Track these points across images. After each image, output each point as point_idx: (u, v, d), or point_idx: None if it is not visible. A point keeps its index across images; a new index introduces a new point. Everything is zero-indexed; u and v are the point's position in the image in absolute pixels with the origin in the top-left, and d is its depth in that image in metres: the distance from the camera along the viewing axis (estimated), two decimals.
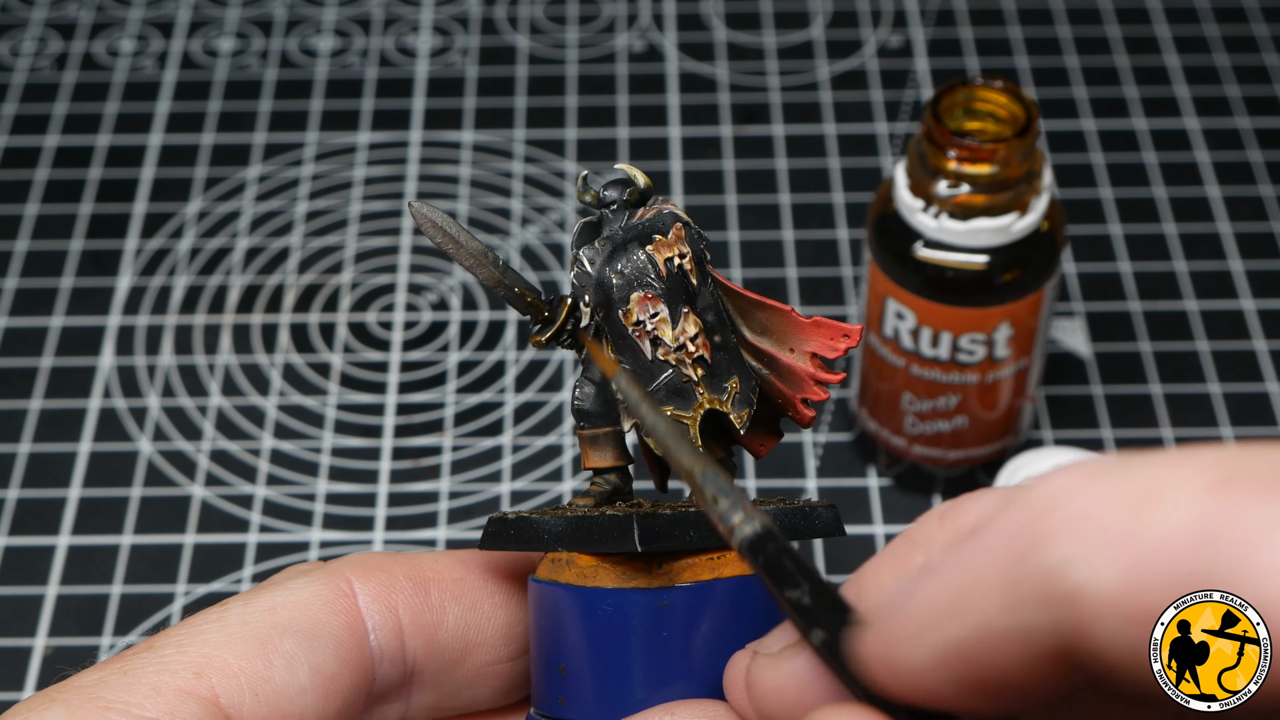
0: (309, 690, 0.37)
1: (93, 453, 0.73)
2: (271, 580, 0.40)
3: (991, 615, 0.27)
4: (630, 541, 0.37)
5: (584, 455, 0.41)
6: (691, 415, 0.39)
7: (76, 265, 0.81)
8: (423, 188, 0.85)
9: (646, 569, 0.37)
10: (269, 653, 0.37)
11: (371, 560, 0.40)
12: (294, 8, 0.95)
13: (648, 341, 0.38)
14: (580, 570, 0.37)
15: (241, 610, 0.38)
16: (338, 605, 0.39)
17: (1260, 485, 0.25)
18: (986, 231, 0.62)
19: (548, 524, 0.38)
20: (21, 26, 0.94)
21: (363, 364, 0.77)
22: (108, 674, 0.36)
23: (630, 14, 0.94)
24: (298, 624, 0.38)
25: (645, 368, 0.38)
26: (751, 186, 0.84)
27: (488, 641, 0.41)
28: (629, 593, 0.37)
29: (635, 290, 0.38)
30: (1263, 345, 0.76)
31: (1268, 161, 0.85)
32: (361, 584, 0.40)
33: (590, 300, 0.38)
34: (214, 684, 0.36)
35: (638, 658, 0.37)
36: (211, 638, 0.37)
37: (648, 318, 0.38)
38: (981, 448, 0.69)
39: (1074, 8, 0.94)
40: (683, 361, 0.38)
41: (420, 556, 0.41)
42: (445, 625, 0.40)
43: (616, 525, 0.37)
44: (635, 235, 0.38)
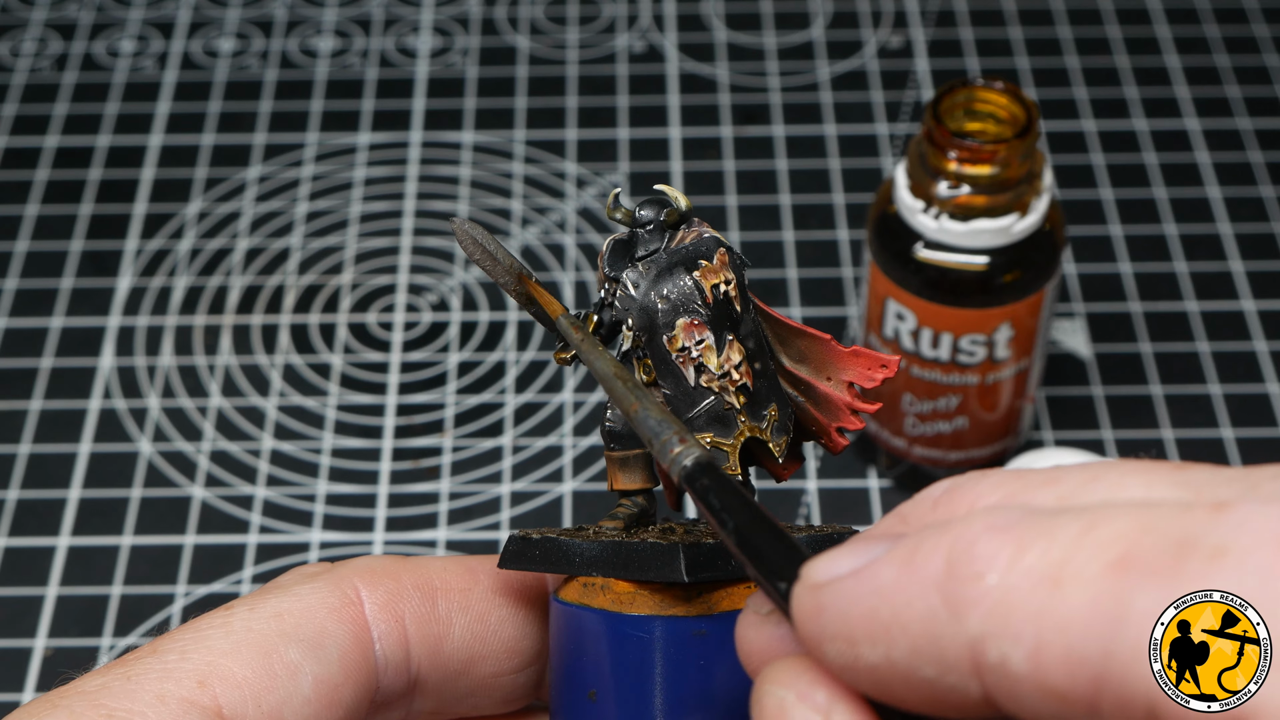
0: (312, 701, 0.37)
1: (93, 453, 0.73)
2: (278, 583, 0.39)
3: (908, 657, 0.27)
4: (676, 571, 0.36)
5: (612, 477, 0.40)
6: (732, 443, 0.39)
7: (76, 266, 0.81)
8: (423, 188, 0.85)
9: (685, 597, 0.37)
10: (273, 662, 0.37)
11: (380, 566, 0.40)
12: (294, 8, 0.95)
13: (692, 368, 0.38)
14: (616, 596, 0.37)
15: (247, 616, 0.38)
16: (344, 613, 0.39)
17: (1155, 563, 0.25)
18: (987, 232, 0.62)
19: (579, 547, 0.38)
20: (21, 27, 0.94)
21: (363, 365, 0.76)
22: (111, 679, 0.35)
23: (630, 15, 0.94)
24: (303, 632, 0.38)
25: (687, 394, 0.38)
26: (752, 187, 0.84)
27: (493, 654, 0.41)
28: (668, 620, 0.37)
29: (681, 316, 0.38)
30: (1263, 346, 0.76)
31: (1268, 162, 0.85)
32: (369, 591, 0.39)
33: (633, 324, 0.38)
34: (217, 693, 0.36)
35: (673, 685, 0.37)
36: (216, 644, 0.37)
37: (693, 344, 0.38)
38: (982, 449, 0.69)
39: (1074, 8, 0.94)
40: (726, 389, 0.38)
41: (428, 564, 0.41)
42: (451, 636, 0.40)
43: (661, 553, 0.37)
44: (680, 260, 0.38)
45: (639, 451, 0.40)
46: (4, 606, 0.67)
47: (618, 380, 0.35)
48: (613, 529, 0.39)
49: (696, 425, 0.38)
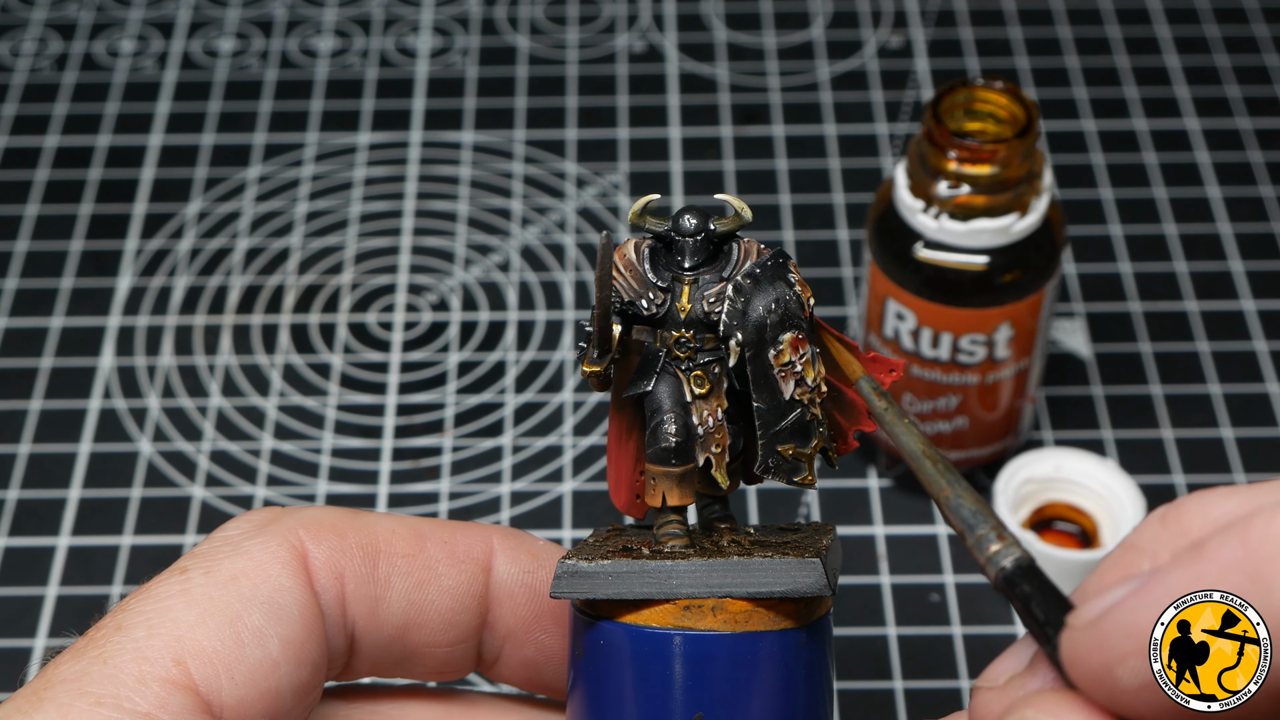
0: (281, 662, 0.37)
1: (93, 453, 0.73)
2: (227, 536, 0.39)
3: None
4: (819, 584, 0.37)
5: (665, 493, 0.39)
6: (809, 453, 0.39)
7: (76, 266, 0.81)
8: (423, 188, 0.85)
9: (794, 611, 0.38)
10: (239, 630, 0.37)
11: (326, 519, 0.40)
12: (294, 8, 0.95)
13: (792, 381, 0.38)
14: (731, 616, 0.37)
15: (204, 581, 0.37)
16: (296, 567, 0.38)
17: None
18: (987, 232, 0.62)
19: (679, 568, 0.37)
20: (21, 27, 0.94)
21: (363, 364, 0.76)
22: (87, 664, 0.35)
23: (630, 14, 0.94)
24: (261, 593, 0.37)
25: (778, 407, 0.38)
26: (752, 187, 0.84)
27: (429, 623, 0.40)
28: (782, 635, 0.37)
29: (788, 330, 0.38)
30: (1263, 346, 0.76)
31: (1268, 162, 0.85)
32: (313, 545, 0.39)
33: (743, 339, 0.38)
34: (191, 670, 0.36)
35: (789, 696, 0.38)
36: (180, 615, 0.36)
37: (798, 359, 0.38)
38: (982, 448, 0.69)
39: (1074, 8, 0.94)
40: (813, 401, 0.38)
41: (377, 523, 0.40)
42: (388, 599, 0.40)
43: (798, 568, 0.37)
44: (774, 273, 0.38)
45: (692, 466, 0.39)
46: (4, 606, 0.67)
47: (927, 460, 0.34)
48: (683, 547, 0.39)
49: (783, 437, 0.38)
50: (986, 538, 0.32)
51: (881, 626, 0.65)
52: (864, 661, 0.64)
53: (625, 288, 0.39)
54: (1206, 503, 0.30)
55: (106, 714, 0.34)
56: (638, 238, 0.40)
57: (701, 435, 0.39)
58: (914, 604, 0.66)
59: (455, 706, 0.42)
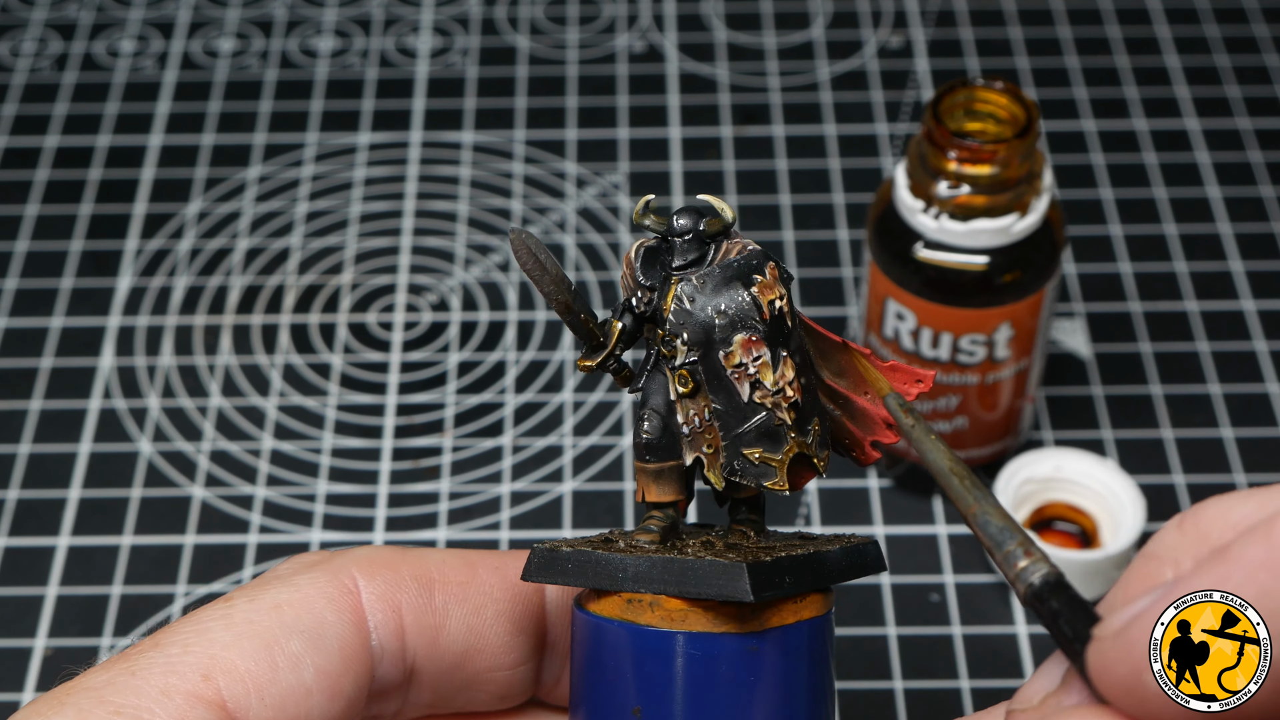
0: (314, 692, 0.37)
1: (93, 453, 0.73)
2: (276, 572, 0.39)
3: None
4: (742, 590, 0.36)
5: (644, 489, 0.40)
6: (780, 458, 0.39)
7: (76, 266, 0.81)
8: (423, 188, 0.85)
9: (739, 615, 0.37)
10: (275, 654, 0.37)
11: (378, 557, 0.40)
12: (294, 8, 0.95)
13: (747, 384, 0.38)
14: (667, 613, 0.37)
15: (247, 608, 0.38)
16: (343, 603, 0.39)
17: None
18: (987, 232, 0.62)
19: (623, 562, 0.37)
20: (21, 27, 0.94)
21: (363, 365, 0.76)
22: (115, 675, 0.35)
23: (630, 15, 0.94)
24: (303, 623, 0.38)
25: (739, 409, 0.38)
26: (752, 187, 0.84)
27: (489, 648, 0.41)
28: (722, 637, 0.37)
29: (739, 332, 0.38)
30: (1263, 346, 0.76)
31: (1268, 162, 0.85)
32: (366, 581, 0.39)
33: (689, 339, 0.38)
34: (221, 686, 0.36)
35: (726, 702, 0.37)
36: (217, 637, 0.37)
37: (750, 360, 0.38)
38: (982, 448, 0.69)
39: (1074, 8, 0.94)
40: (778, 405, 0.38)
41: (427, 555, 0.41)
42: (447, 628, 0.40)
43: (723, 571, 0.36)
44: (735, 274, 0.38)
45: (673, 464, 0.39)
46: (4, 606, 0.67)
47: (954, 477, 0.34)
48: (649, 542, 0.39)
49: (747, 440, 0.38)
50: (1014, 554, 0.32)
51: (881, 626, 0.65)
52: (864, 661, 0.64)
53: (625, 286, 0.39)
54: (1225, 507, 0.29)
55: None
56: (644, 237, 0.40)
57: (688, 434, 0.39)
58: (914, 604, 0.66)
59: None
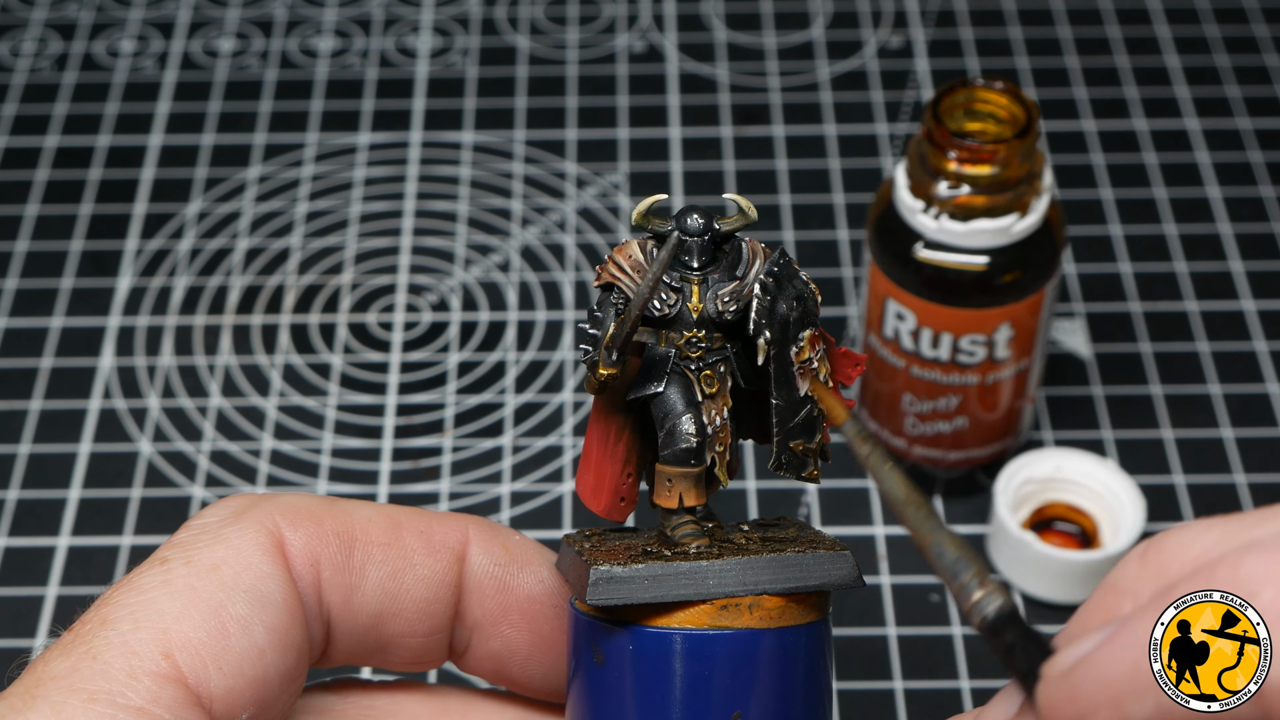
0: (267, 650, 0.37)
1: (93, 453, 0.73)
2: (204, 524, 0.39)
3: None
4: (854, 576, 0.38)
5: (683, 494, 0.39)
6: (815, 447, 0.39)
7: (76, 266, 0.81)
8: (422, 188, 0.85)
9: (818, 604, 0.38)
10: (224, 620, 0.37)
11: (303, 507, 0.39)
12: (294, 8, 0.95)
13: (809, 378, 0.38)
14: (766, 613, 0.37)
15: (186, 571, 0.37)
16: (275, 554, 0.38)
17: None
18: (987, 232, 0.62)
19: (715, 569, 0.37)
20: (21, 27, 0.94)
21: (363, 365, 0.76)
22: (77, 660, 0.35)
23: (630, 14, 0.94)
24: (243, 582, 0.37)
25: (794, 404, 0.38)
26: (752, 187, 0.84)
27: (404, 612, 0.40)
28: (810, 627, 0.38)
29: (808, 328, 0.38)
30: (1263, 346, 0.76)
31: (1268, 162, 0.85)
32: (290, 531, 0.39)
33: (772, 337, 0.38)
34: (180, 663, 0.36)
35: (819, 685, 0.38)
36: (165, 608, 0.36)
37: (816, 356, 0.38)
38: (982, 449, 0.69)
39: (1074, 8, 0.94)
40: (823, 397, 0.39)
41: (353, 511, 0.40)
42: (363, 589, 0.40)
43: (832, 562, 0.38)
44: (784, 272, 0.38)
45: (704, 466, 0.40)
46: (4, 606, 0.67)
47: (910, 505, 0.34)
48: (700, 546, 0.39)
49: (795, 434, 0.39)
50: (970, 585, 0.33)
51: (881, 626, 0.65)
52: (864, 661, 0.64)
53: (633, 289, 0.39)
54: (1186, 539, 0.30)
55: (100, 710, 0.34)
56: (640, 238, 0.40)
57: (709, 435, 0.39)
58: (914, 604, 0.66)
59: (450, 701, 0.42)
